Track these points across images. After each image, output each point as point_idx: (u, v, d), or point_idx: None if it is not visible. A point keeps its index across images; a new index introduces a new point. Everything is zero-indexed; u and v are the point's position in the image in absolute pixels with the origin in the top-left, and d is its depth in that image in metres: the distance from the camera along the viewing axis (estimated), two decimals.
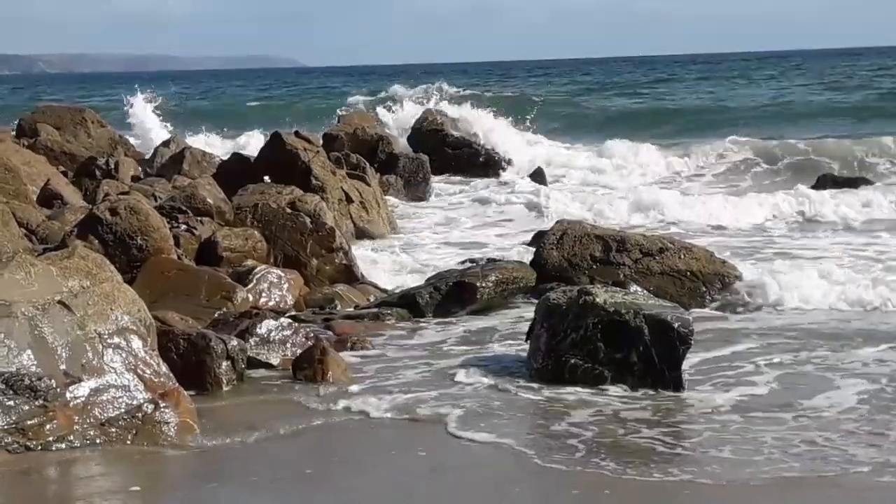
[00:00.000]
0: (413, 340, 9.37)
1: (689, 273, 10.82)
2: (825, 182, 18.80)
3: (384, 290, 11.23)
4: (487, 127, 23.81)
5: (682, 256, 10.94)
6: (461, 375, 8.21)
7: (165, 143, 22.62)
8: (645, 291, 9.87)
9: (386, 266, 12.70)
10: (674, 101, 42.29)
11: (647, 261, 10.94)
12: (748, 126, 27.99)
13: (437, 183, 20.38)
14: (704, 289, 10.74)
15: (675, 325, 7.91)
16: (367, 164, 17.34)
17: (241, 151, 18.85)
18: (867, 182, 18.98)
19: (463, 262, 11.80)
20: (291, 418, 7.23)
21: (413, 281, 11.47)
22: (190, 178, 15.59)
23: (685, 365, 7.94)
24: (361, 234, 14.82)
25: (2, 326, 6.49)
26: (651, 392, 7.73)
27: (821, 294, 10.54)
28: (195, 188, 12.51)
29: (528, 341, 8.48)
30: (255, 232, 11.89)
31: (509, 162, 22.69)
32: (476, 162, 22.51)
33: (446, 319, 10.04)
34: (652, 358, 7.86)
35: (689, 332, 7.93)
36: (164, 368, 7.08)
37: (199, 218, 11.76)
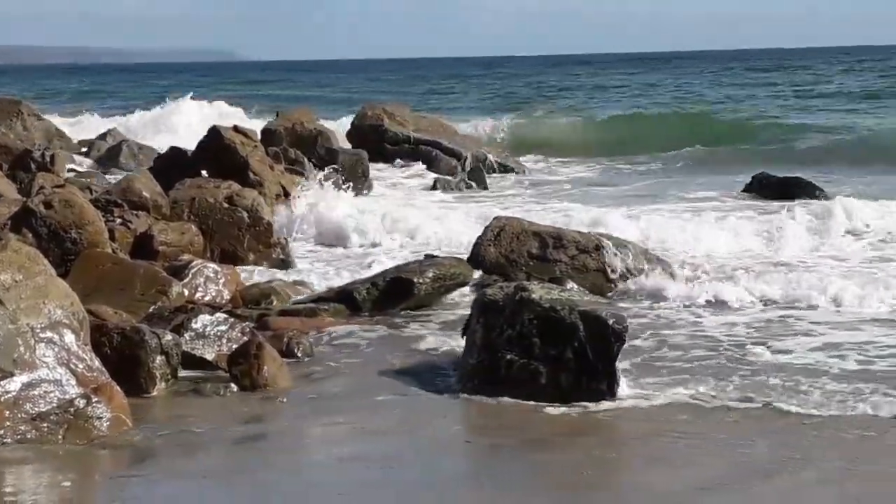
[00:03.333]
0: (348, 336, 9.37)
1: (624, 270, 10.90)
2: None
3: (320, 286, 11.21)
4: None
5: (617, 254, 11.03)
6: (394, 373, 8.30)
7: (102, 136, 22.41)
8: (580, 288, 9.95)
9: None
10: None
11: (583, 258, 11.03)
12: None
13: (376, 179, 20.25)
14: None
15: (610, 321, 7.91)
16: (306, 159, 17.35)
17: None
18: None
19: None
20: (225, 414, 7.22)
21: (351, 276, 11.48)
22: (127, 171, 15.52)
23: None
24: None
25: None
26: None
27: None
28: (131, 181, 12.46)
29: (464, 337, 8.47)
30: (192, 226, 11.89)
31: (459, 158, 22.53)
32: (417, 158, 22.51)
33: (383, 315, 10.03)
34: (587, 354, 7.85)
35: (624, 328, 7.94)
36: (96, 363, 7.01)
37: (134, 211, 11.71)
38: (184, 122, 27.22)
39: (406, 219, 14.35)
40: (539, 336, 7.99)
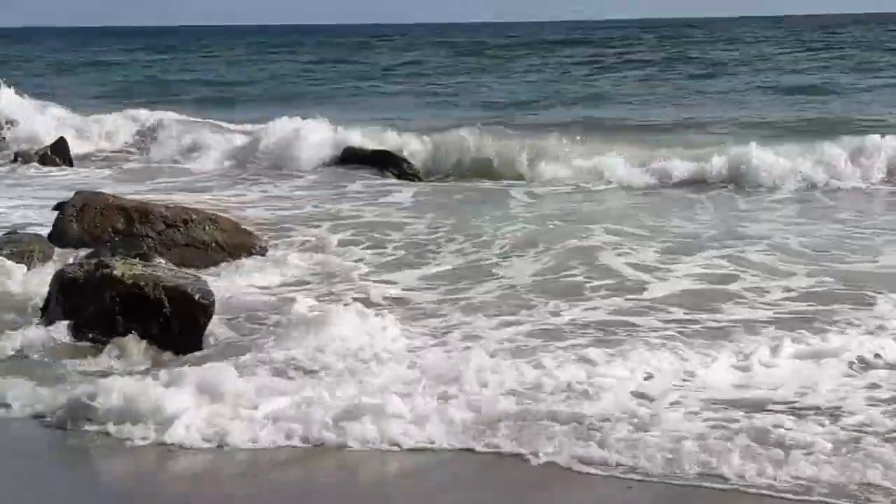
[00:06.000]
0: None
1: (214, 244, 11.09)
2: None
3: None
4: None
5: (207, 228, 11.18)
6: None
7: None
8: (168, 263, 9.86)
9: None
10: None
11: (171, 232, 11.09)
12: None
13: None
14: (230, 259, 10.98)
15: (196, 296, 8.18)
16: None
17: None
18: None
19: None
20: None
21: None
22: None
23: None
24: None
25: None
26: None
27: None
28: None
29: (44, 316, 8.41)
30: None
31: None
32: None
33: None
34: (172, 330, 8.07)
35: (211, 303, 8.23)
36: None
37: None
38: None
39: None
40: (123, 313, 8.12)
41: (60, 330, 8.14)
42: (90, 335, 8.07)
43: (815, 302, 9.00)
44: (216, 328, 8.40)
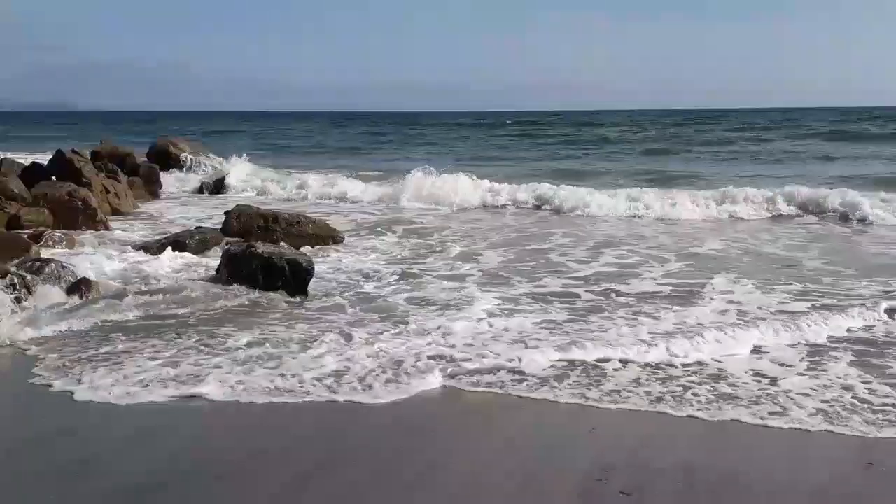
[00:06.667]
0: (179, 265, 12.20)
1: (314, 235, 14.09)
2: None
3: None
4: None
5: (309, 226, 14.29)
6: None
7: None
8: (288, 246, 12.66)
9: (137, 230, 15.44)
10: None
11: (289, 228, 14.12)
12: None
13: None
14: (322, 244, 13.84)
15: (304, 264, 10.60)
16: (119, 169, 20.48)
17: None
18: None
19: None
20: None
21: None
22: (2, 177, 17.72)
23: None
24: (116, 211, 18.05)
25: None
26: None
27: None
28: (5, 183, 15.69)
29: (218, 273, 11.03)
30: (45, 210, 15.12)
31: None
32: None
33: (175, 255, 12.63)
34: (290, 284, 10.47)
35: (312, 268, 10.69)
36: None
37: (8, 201, 14.96)
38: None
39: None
40: (262, 274, 10.55)
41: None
42: (243, 287, 10.41)
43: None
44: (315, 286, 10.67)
